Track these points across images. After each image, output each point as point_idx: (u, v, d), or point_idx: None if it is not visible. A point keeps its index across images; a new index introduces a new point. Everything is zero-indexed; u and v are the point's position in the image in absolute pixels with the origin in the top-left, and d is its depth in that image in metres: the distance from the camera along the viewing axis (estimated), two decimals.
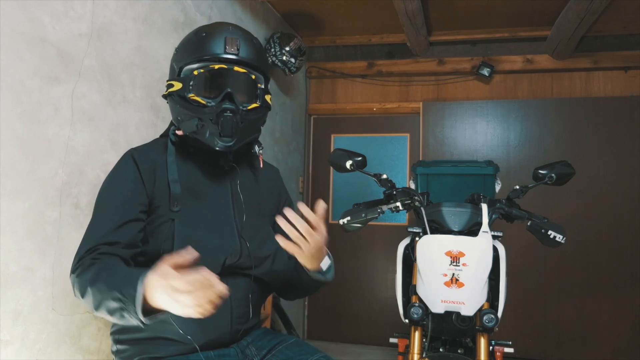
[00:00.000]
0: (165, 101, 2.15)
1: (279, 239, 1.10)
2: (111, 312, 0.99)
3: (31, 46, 1.48)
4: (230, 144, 1.19)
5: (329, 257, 1.25)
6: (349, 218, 1.79)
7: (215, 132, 1.17)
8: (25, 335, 1.45)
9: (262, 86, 1.27)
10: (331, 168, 3.66)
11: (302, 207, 1.11)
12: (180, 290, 0.85)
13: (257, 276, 1.28)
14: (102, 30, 1.78)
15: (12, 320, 1.41)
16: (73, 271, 1.10)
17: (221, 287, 0.89)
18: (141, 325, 0.94)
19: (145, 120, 2.03)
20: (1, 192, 1.38)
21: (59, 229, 1.58)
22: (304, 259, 1.16)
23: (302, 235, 1.10)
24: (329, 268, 1.25)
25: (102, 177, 1.76)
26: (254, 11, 3.10)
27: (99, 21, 1.77)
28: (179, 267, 0.89)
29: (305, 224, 1.09)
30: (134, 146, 1.31)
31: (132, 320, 0.96)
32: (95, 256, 1.09)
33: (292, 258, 1.37)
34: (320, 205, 1.11)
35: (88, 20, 1.72)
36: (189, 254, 0.90)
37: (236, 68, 1.20)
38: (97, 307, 1.02)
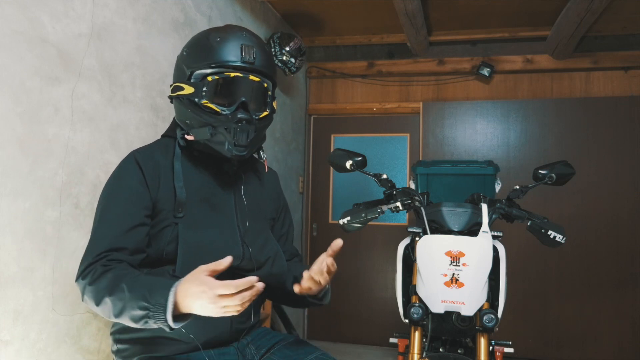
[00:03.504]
0: (165, 101, 2.16)
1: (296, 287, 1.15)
2: (135, 320, 1.02)
3: (31, 46, 1.48)
4: (244, 153, 1.19)
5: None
6: (349, 218, 1.79)
7: (230, 141, 1.16)
8: (25, 335, 1.45)
9: (271, 93, 1.27)
10: (331, 168, 3.66)
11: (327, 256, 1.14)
12: (225, 296, 0.91)
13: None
14: (102, 30, 1.78)
15: (12, 320, 1.41)
16: (82, 277, 1.09)
17: (260, 286, 0.94)
18: (167, 330, 0.98)
19: (145, 120, 2.03)
20: (1, 192, 1.38)
21: (59, 229, 1.58)
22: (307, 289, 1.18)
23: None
24: (325, 293, 1.27)
25: (102, 177, 1.76)
26: (254, 11, 3.10)
27: (99, 21, 1.77)
28: (214, 273, 0.94)
29: (324, 267, 1.13)
30: (134, 146, 1.31)
31: (154, 326, 1.00)
32: (105, 263, 1.09)
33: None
34: (338, 242, 1.14)
35: (88, 20, 1.72)
36: (225, 261, 0.94)
37: (251, 77, 1.19)
38: (117, 315, 1.04)
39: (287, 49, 3.20)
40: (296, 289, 1.15)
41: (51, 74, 1.56)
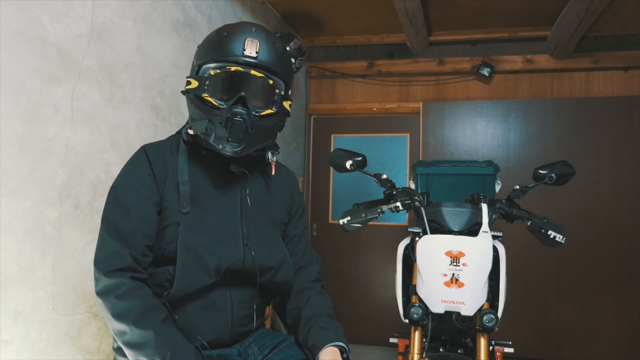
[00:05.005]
0: (165, 101, 2.16)
1: None
2: None
3: (31, 46, 1.48)
4: (237, 149, 1.14)
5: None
6: (349, 218, 1.79)
7: (224, 136, 1.13)
8: (25, 335, 1.45)
9: (282, 92, 1.22)
10: (331, 168, 3.66)
11: None
12: None
13: (260, 284, 1.27)
14: (102, 30, 1.78)
15: (12, 320, 1.41)
16: (106, 274, 1.08)
17: None
18: None
19: (145, 120, 2.03)
20: (1, 192, 1.38)
21: (59, 229, 1.58)
22: None
23: None
24: None
25: (102, 177, 1.76)
26: (254, 11, 3.10)
27: (99, 21, 1.77)
28: None
29: None
30: (134, 146, 1.31)
31: None
32: (133, 275, 1.10)
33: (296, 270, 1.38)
34: None
35: (88, 20, 1.72)
36: None
37: (253, 72, 1.16)
38: (125, 344, 1.06)
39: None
40: None
41: (51, 74, 1.56)
